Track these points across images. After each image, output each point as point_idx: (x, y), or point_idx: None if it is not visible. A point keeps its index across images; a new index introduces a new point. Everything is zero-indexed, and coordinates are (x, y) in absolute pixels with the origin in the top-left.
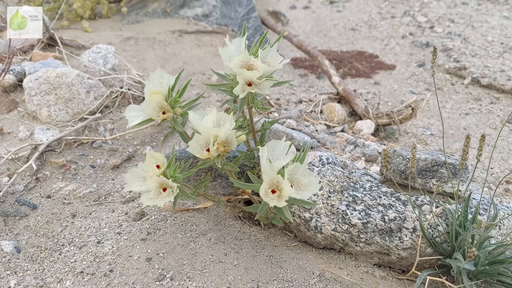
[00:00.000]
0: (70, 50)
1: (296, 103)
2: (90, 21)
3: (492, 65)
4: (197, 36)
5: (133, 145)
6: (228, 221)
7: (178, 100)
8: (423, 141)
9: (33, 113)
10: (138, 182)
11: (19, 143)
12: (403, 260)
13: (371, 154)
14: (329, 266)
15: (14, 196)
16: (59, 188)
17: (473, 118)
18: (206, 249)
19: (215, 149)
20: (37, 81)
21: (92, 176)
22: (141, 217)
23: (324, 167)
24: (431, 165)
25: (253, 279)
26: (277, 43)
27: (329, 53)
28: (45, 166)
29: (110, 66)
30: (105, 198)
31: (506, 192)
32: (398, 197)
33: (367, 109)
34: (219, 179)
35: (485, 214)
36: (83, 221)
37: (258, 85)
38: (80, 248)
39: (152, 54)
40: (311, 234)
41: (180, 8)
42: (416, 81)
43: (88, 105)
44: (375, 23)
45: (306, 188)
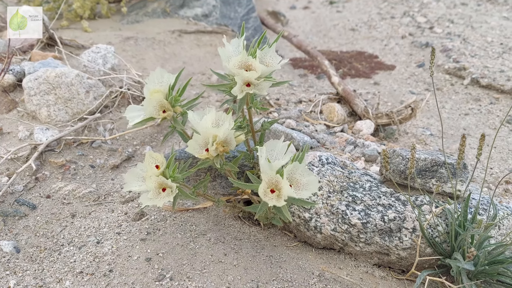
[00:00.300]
0: (70, 50)
1: (295, 103)
2: (90, 21)
3: (491, 66)
4: (197, 36)
5: (133, 145)
6: (228, 221)
7: (178, 99)
8: (423, 141)
9: (32, 113)
10: (137, 182)
11: (19, 143)
12: (402, 260)
13: (371, 154)
14: (328, 266)
15: (14, 196)
16: (58, 188)
17: (472, 119)
18: (206, 249)
19: (214, 149)
20: (36, 81)
21: (92, 176)
22: (141, 217)
23: (324, 167)
24: (430, 165)
25: (253, 279)
26: (275, 43)
27: (328, 53)
28: (44, 166)
29: (110, 66)
30: (105, 198)
31: (506, 192)
32: (398, 197)
33: (366, 109)
34: (219, 179)
35: (485, 214)
36: (82, 221)
37: (257, 86)
38: (79, 248)
39: (152, 54)
40: (311, 234)
41: (180, 8)
42: (415, 81)
43: (87, 105)
44: (375, 24)
45: (305, 187)
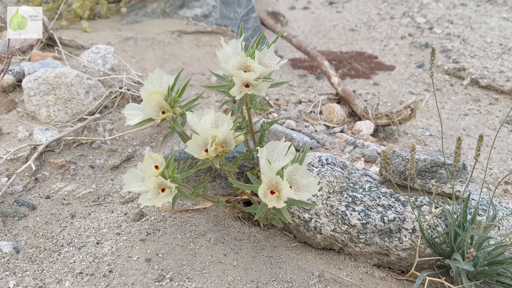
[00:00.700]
0: (69, 50)
1: (295, 104)
2: (89, 21)
3: (491, 66)
4: (197, 37)
5: (132, 145)
6: (228, 222)
7: (177, 100)
8: (422, 142)
9: (32, 113)
10: (136, 183)
11: (18, 143)
12: (402, 261)
13: (371, 154)
14: (328, 267)
15: (13, 197)
16: (58, 189)
17: (472, 119)
18: (206, 249)
19: (214, 149)
20: (36, 81)
21: (91, 176)
22: (141, 217)
23: (324, 167)
24: (430, 165)
25: (253, 279)
26: (274, 44)
27: (328, 53)
28: (44, 167)
29: (109, 67)
30: (104, 198)
31: (505, 192)
32: (398, 197)
33: (366, 110)
34: (219, 180)
35: (484, 215)
36: (82, 221)
37: (255, 86)
38: (79, 248)
39: (151, 54)
40: (311, 235)
41: (180, 9)
42: (415, 82)
43: (87, 106)
44: (374, 24)
45: (305, 189)
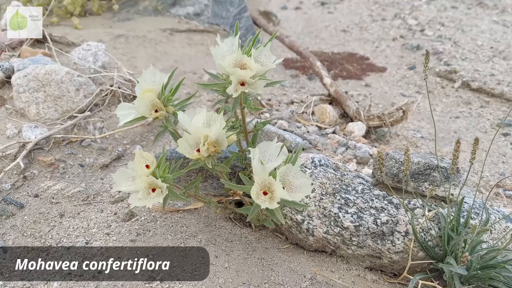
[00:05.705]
0: (60, 47)
1: (287, 104)
2: (80, 18)
3: (482, 69)
4: (188, 35)
5: (123, 144)
6: (219, 223)
7: (171, 99)
8: (414, 144)
9: (21, 110)
10: (127, 182)
11: (7, 140)
12: (395, 264)
13: (363, 156)
14: (320, 269)
15: (1, 195)
16: (47, 187)
17: (463, 122)
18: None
19: (206, 149)
20: (25, 78)
21: (81, 175)
22: (131, 217)
23: (317, 169)
24: (423, 168)
25: (244, 281)
26: (270, 42)
27: (320, 54)
28: (33, 165)
29: (100, 64)
30: (94, 197)
31: (496, 196)
32: (391, 200)
33: (358, 111)
34: (210, 180)
35: (477, 218)
36: (71, 221)
37: (252, 85)
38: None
39: (143, 52)
40: (303, 237)
41: (172, 7)
42: (406, 84)
43: (77, 103)
44: (366, 25)
45: (299, 189)
